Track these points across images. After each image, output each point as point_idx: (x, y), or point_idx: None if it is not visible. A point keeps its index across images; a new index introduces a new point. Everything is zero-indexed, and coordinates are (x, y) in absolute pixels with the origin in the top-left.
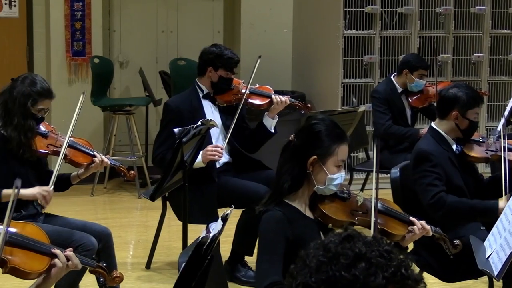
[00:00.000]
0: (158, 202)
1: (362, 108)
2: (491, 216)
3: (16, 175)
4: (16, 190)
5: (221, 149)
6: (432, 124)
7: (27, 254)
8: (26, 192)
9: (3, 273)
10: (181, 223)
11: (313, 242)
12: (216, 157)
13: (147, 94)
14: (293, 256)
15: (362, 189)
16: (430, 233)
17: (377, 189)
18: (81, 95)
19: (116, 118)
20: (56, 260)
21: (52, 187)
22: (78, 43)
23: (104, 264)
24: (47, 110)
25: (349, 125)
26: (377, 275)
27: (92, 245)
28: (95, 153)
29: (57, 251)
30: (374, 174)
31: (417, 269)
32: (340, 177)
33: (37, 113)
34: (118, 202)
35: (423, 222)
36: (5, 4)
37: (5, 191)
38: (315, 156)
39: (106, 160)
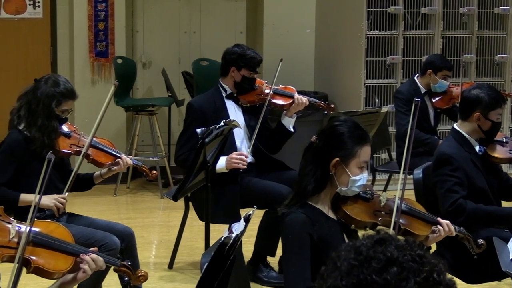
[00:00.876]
0: (181, 202)
1: (384, 108)
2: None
3: (39, 176)
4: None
5: (246, 157)
6: (455, 126)
7: (51, 254)
8: (42, 201)
9: (27, 272)
10: (203, 223)
11: (344, 244)
12: (241, 165)
13: (170, 94)
14: (317, 257)
15: (385, 190)
16: (454, 233)
17: (403, 190)
18: (112, 86)
19: (139, 118)
20: (84, 265)
21: (67, 193)
22: (101, 44)
23: (129, 263)
24: (70, 111)
25: (372, 125)
26: (409, 280)
27: (115, 245)
28: (118, 153)
29: (86, 257)
30: (400, 175)
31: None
32: (362, 178)
33: (61, 114)
34: (140, 202)
35: (448, 222)
36: (29, 4)
37: (23, 196)
38: (337, 158)
39: (129, 160)
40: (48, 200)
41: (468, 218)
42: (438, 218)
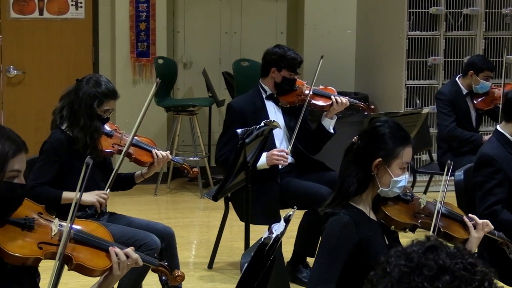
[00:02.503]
0: (221, 202)
1: (426, 110)
2: None
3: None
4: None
5: (287, 154)
6: (498, 127)
7: (92, 251)
8: (83, 197)
9: (69, 269)
10: (243, 223)
11: (394, 249)
12: (282, 162)
13: (210, 94)
14: (358, 259)
15: (425, 192)
16: (492, 227)
17: (444, 192)
18: (155, 85)
19: (179, 118)
20: (113, 256)
21: (109, 190)
22: (142, 44)
23: (166, 263)
24: (112, 111)
25: (413, 127)
26: None
27: (155, 245)
28: (156, 150)
29: (116, 249)
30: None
31: (500, 283)
32: (404, 179)
33: (103, 114)
34: (181, 202)
35: (486, 221)
36: (72, 5)
37: (66, 194)
38: (380, 159)
39: (167, 154)
40: (91, 196)
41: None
42: (469, 221)
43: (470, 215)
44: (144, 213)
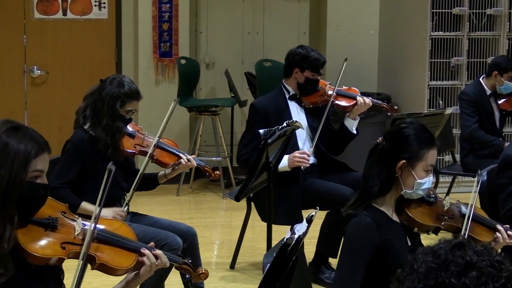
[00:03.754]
0: (243, 202)
1: (449, 110)
2: None
3: (103, 175)
4: (107, 175)
5: (308, 156)
6: None
7: (115, 251)
8: (102, 213)
9: (92, 269)
10: (265, 224)
11: (421, 247)
12: (303, 163)
13: (233, 95)
14: (380, 261)
15: (448, 192)
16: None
17: (476, 195)
18: (173, 102)
19: (202, 118)
20: (145, 259)
21: (126, 207)
22: (165, 44)
23: (190, 261)
24: (135, 111)
25: (436, 127)
26: (487, 285)
27: (177, 245)
28: (182, 153)
29: (146, 251)
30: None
31: None
32: (428, 181)
33: (125, 114)
34: (203, 202)
35: (507, 226)
36: (95, 5)
37: (84, 205)
38: (404, 161)
39: (192, 161)
40: (108, 213)
41: None
42: (497, 225)
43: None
44: (166, 213)
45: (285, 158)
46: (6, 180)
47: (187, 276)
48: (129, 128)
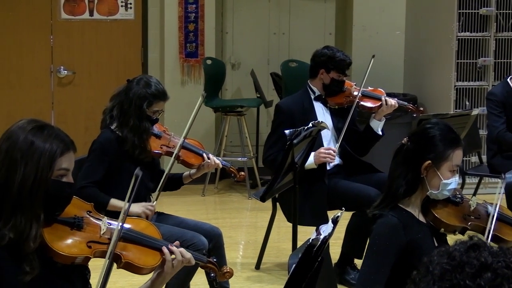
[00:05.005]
0: (268, 203)
1: (475, 111)
2: None
3: (130, 175)
4: (135, 179)
5: (334, 152)
6: None
7: (141, 250)
8: (131, 208)
9: (118, 268)
10: (290, 224)
11: (437, 249)
12: (329, 159)
13: (259, 95)
14: (406, 261)
15: (474, 194)
16: None
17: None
18: (201, 97)
19: (227, 119)
20: (168, 255)
21: (156, 202)
22: (191, 45)
23: (215, 259)
24: (162, 112)
25: (462, 128)
26: (502, 287)
27: (203, 245)
28: (207, 154)
29: (173, 248)
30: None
31: None
32: (454, 182)
33: (152, 114)
34: (228, 202)
35: None
36: (121, 6)
37: (113, 201)
38: (429, 161)
39: (218, 161)
40: (137, 208)
41: None
42: None
43: None
44: (192, 213)
45: (312, 155)
46: (32, 179)
47: (212, 275)
48: (155, 129)
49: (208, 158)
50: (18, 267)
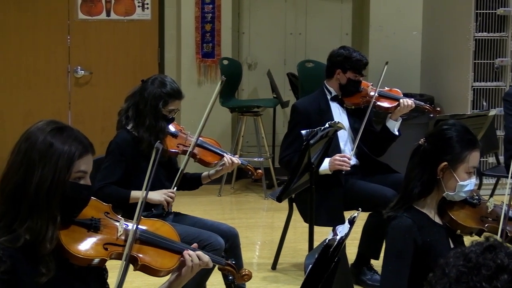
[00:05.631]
0: (285, 203)
1: (492, 112)
2: None
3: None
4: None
5: (349, 159)
6: None
7: (158, 252)
8: (151, 196)
9: (134, 270)
10: (307, 225)
11: (453, 251)
12: (344, 167)
13: (275, 95)
14: (422, 262)
15: (492, 195)
16: None
17: (511, 195)
18: (220, 82)
19: (244, 119)
20: (187, 260)
21: (176, 188)
22: (207, 45)
23: (233, 262)
24: (177, 111)
25: (479, 129)
26: None
27: (220, 245)
28: (224, 152)
29: (190, 251)
30: (509, 180)
31: None
32: (470, 184)
33: (168, 114)
34: (245, 202)
35: None
36: (138, 6)
37: (134, 193)
38: (445, 162)
39: (235, 159)
40: (158, 195)
41: None
42: None
43: None
44: (208, 214)
45: (326, 161)
46: (49, 180)
47: (230, 277)
48: (172, 128)
49: (226, 157)
50: (34, 269)
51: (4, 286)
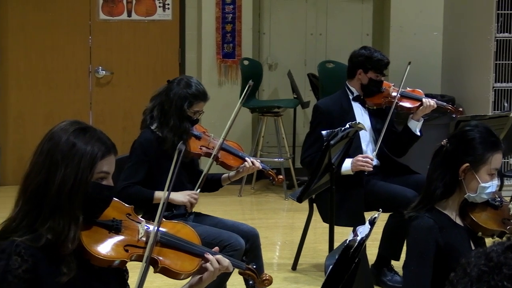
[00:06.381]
0: (305, 204)
1: None
2: None
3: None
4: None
5: (371, 160)
6: None
7: (178, 255)
8: (175, 197)
9: (154, 272)
10: (327, 225)
11: (474, 250)
12: (366, 168)
13: (295, 96)
14: (443, 263)
15: None
16: None
17: None
18: (247, 86)
19: (264, 119)
20: (208, 264)
21: (199, 190)
22: (228, 45)
23: (254, 266)
24: (202, 112)
25: (501, 130)
26: None
27: (240, 245)
28: (247, 157)
29: (210, 256)
30: None
31: None
32: (492, 185)
33: (193, 115)
34: (265, 203)
35: None
36: (159, 7)
37: (158, 194)
38: (467, 164)
39: (257, 164)
40: (182, 196)
41: None
42: None
43: None
44: (228, 214)
45: (348, 161)
46: (71, 181)
47: (251, 282)
48: (195, 130)
49: (247, 161)
50: (55, 268)
51: (25, 285)
